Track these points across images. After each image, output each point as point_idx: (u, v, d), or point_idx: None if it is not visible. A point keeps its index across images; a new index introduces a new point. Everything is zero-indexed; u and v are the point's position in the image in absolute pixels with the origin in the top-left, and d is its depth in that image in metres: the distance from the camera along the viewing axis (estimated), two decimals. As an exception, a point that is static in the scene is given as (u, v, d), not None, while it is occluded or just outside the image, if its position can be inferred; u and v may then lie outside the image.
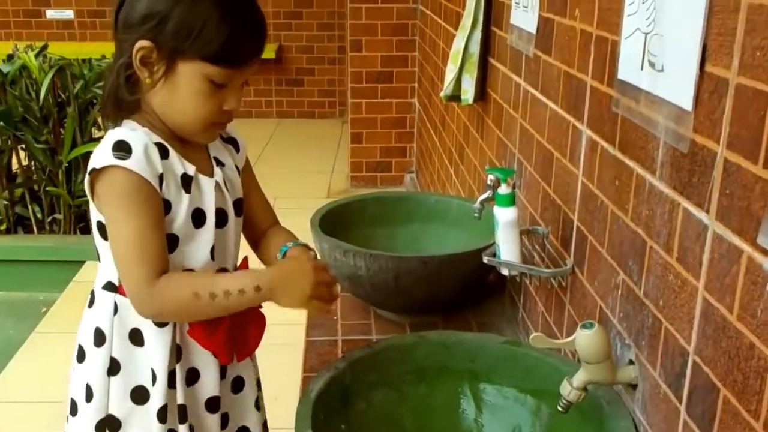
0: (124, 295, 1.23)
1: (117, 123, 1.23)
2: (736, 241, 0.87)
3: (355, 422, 1.28)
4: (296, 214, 1.94)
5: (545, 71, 1.65)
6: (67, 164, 3.54)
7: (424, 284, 1.73)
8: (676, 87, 1.01)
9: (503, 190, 1.50)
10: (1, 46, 4.74)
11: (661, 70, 1.06)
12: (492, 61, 2.23)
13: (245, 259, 1.36)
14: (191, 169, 1.25)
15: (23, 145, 3.56)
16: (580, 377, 1.17)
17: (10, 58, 3.61)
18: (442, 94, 2.49)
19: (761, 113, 0.82)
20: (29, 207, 3.66)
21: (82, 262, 3.48)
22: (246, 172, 1.41)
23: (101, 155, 1.17)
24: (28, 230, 3.72)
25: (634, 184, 1.17)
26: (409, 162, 4.78)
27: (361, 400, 1.29)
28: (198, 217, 1.26)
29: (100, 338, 1.27)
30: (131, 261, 1.17)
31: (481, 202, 1.63)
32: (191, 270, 1.26)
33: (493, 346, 1.38)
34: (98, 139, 3.67)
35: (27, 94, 3.46)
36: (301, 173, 4.71)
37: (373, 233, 2.00)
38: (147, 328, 1.26)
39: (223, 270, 1.31)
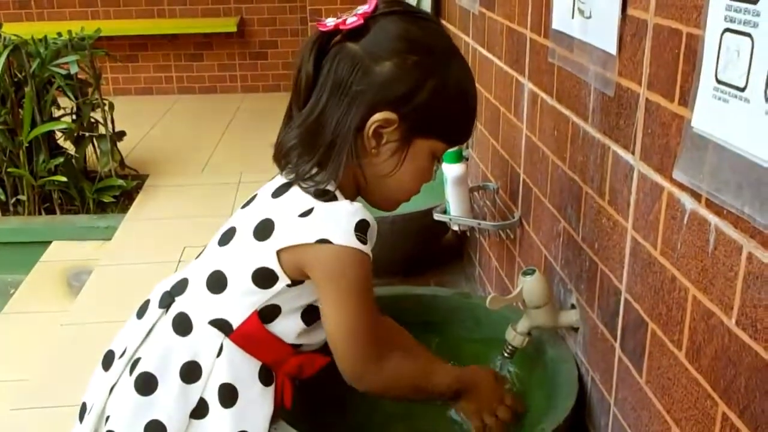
0: (236, 344, 1.07)
1: (321, 183, 1.05)
2: (657, 178, 0.90)
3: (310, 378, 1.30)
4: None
5: (490, 28, 1.66)
6: (27, 144, 3.50)
7: (379, 245, 1.74)
8: (603, 32, 1.03)
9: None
10: (-44, 28, 4.64)
11: (589, 17, 1.07)
12: (443, 22, 2.24)
13: None
14: None
15: (-19, 128, 3.51)
16: (524, 323, 1.20)
17: (-37, 39, 3.55)
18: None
19: (675, 51, 0.84)
20: (-8, 189, 3.62)
21: (48, 243, 3.46)
22: None
23: (341, 231, 1.01)
24: (-9, 213, 3.68)
25: (570, 132, 1.19)
26: (376, 131, 4.77)
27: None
28: None
29: (193, 374, 1.06)
30: (362, 344, 1.05)
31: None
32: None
33: (444, 298, 1.41)
34: (58, 119, 3.64)
35: (-18, 75, 3.41)
36: (268, 147, 4.70)
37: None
38: (249, 384, 1.08)
39: None
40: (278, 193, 1.08)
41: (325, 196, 1.04)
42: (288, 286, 1.05)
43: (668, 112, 0.86)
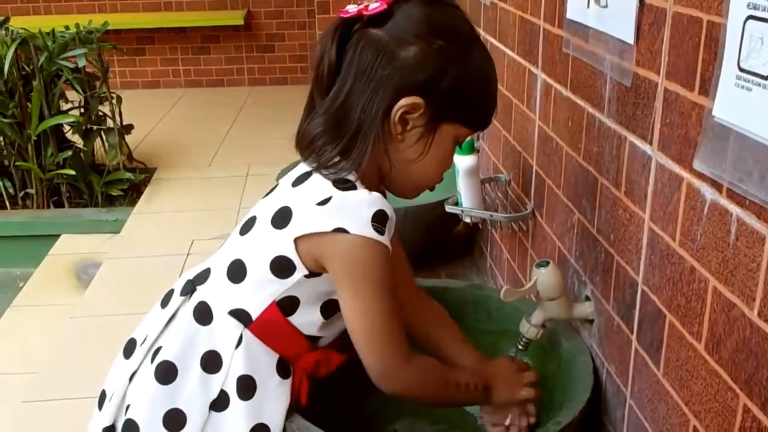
0: (255, 335, 1.07)
1: (343, 170, 1.03)
2: (677, 169, 0.88)
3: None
4: (271, 180, 1.94)
5: (502, 18, 1.65)
6: (35, 138, 3.50)
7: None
8: (619, 21, 1.02)
9: (462, 137, 1.51)
10: (-36, 21, 4.64)
11: (605, 6, 1.06)
12: (454, 13, 2.23)
13: None
14: None
15: (-10, 121, 3.51)
16: (538, 315, 1.19)
17: (-29, 32, 3.54)
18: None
19: (696, 40, 0.83)
20: (0, 183, 3.62)
21: (57, 236, 3.47)
22: None
23: (358, 220, 0.99)
24: (0, 206, 3.69)
25: (585, 123, 1.18)
26: (383, 124, 4.75)
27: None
28: None
29: (214, 363, 1.07)
30: (386, 338, 1.04)
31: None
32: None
33: (456, 290, 1.40)
34: (66, 112, 3.64)
35: (-10, 69, 3.41)
36: (275, 140, 4.68)
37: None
38: (267, 376, 1.08)
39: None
40: (298, 181, 1.07)
41: (344, 184, 1.02)
42: (306, 276, 1.04)
43: (688, 101, 0.85)
